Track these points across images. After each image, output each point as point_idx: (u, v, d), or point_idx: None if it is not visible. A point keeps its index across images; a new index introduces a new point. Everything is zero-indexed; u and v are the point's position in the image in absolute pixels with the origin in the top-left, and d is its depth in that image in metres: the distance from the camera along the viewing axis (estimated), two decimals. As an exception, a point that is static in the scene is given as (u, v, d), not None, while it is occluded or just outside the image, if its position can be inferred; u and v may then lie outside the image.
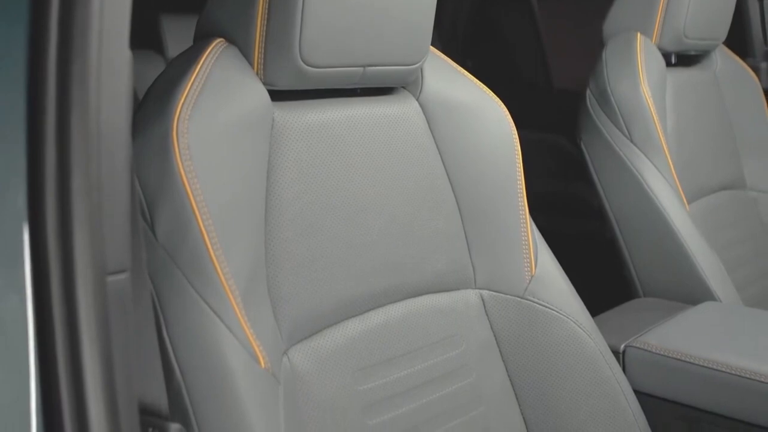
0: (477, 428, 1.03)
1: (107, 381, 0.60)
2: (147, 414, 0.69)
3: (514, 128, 1.15)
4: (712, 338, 1.24)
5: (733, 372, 1.12)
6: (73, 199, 0.57)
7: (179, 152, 0.80)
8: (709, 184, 1.77)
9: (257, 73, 0.92)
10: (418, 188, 1.04)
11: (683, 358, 1.17)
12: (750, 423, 1.11)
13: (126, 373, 0.62)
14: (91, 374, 0.59)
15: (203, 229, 0.80)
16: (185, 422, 0.76)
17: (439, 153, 1.08)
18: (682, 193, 1.63)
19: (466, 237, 1.09)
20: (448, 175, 1.08)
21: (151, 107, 0.85)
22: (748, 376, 1.11)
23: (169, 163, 0.80)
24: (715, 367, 1.14)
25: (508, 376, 1.09)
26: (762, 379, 1.10)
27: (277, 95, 0.93)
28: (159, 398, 0.72)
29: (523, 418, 1.09)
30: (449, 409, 1.01)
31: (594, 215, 1.71)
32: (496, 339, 1.09)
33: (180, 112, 0.82)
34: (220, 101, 0.85)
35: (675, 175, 1.62)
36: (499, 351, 1.09)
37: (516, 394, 1.09)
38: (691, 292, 1.50)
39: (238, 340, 0.79)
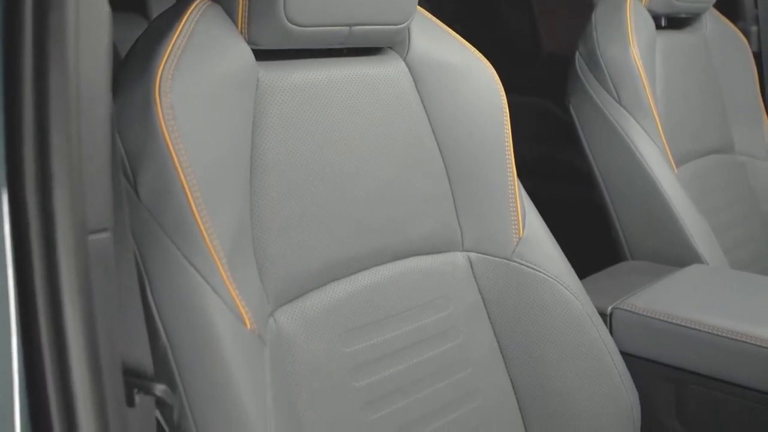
0: (464, 389, 1.03)
1: (89, 341, 0.59)
2: (132, 375, 0.69)
3: (503, 90, 1.14)
4: (698, 300, 1.24)
5: (720, 333, 1.13)
6: (53, 157, 0.56)
7: (162, 111, 0.79)
8: (697, 148, 1.76)
9: (241, 32, 0.90)
10: (405, 149, 1.03)
11: (670, 320, 1.18)
12: (736, 384, 1.11)
13: (109, 333, 0.62)
14: (73, 334, 0.58)
15: (187, 189, 0.79)
16: (171, 383, 0.76)
17: (426, 114, 1.07)
18: (670, 156, 1.62)
19: (453, 198, 1.08)
20: (435, 136, 1.07)
21: (133, 66, 0.83)
22: (734, 337, 1.12)
23: (151, 123, 0.79)
24: (701, 328, 1.15)
25: (496, 337, 1.09)
26: (748, 340, 1.10)
27: (261, 55, 0.92)
28: (144, 359, 0.71)
29: (510, 379, 1.09)
30: (436, 371, 1.01)
31: (582, 179, 1.71)
32: (483, 301, 1.09)
33: (162, 71, 0.80)
34: (203, 60, 0.84)
35: (664, 139, 1.62)
36: (487, 313, 1.09)
37: (503, 356, 1.09)
38: (678, 255, 1.50)
39: (223, 302, 0.78)
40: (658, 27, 1.70)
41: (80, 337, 0.58)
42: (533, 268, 1.10)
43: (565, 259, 1.16)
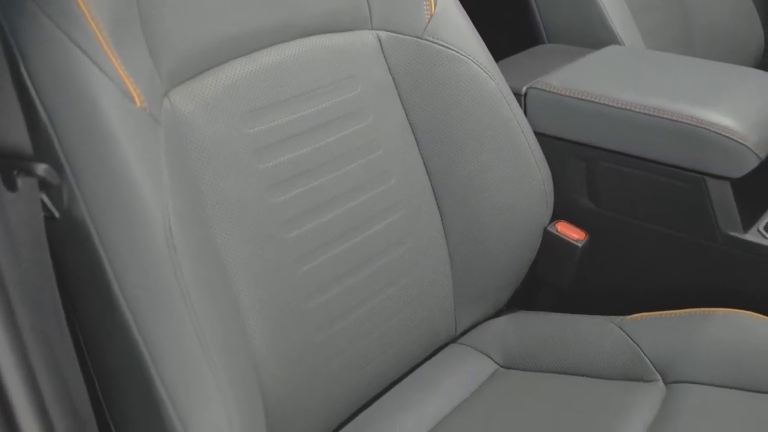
0: (375, 171, 1.01)
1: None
2: (9, 157, 0.64)
3: None
4: (613, 79, 1.22)
5: (633, 109, 1.11)
6: None
7: None
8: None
9: None
10: None
11: (584, 98, 1.16)
12: (645, 158, 1.11)
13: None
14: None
15: None
16: (54, 163, 0.70)
17: None
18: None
19: (358, -31, 1.01)
20: None
21: None
22: (646, 112, 1.10)
23: None
24: (615, 105, 1.13)
25: (407, 118, 1.06)
26: (660, 114, 1.09)
27: None
28: (21, 140, 0.65)
29: (423, 159, 1.07)
30: (346, 152, 0.98)
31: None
32: (394, 81, 1.05)
33: None
34: None
35: None
36: (398, 93, 1.05)
37: (415, 137, 1.06)
38: (596, 37, 1.47)
39: (108, 77, 0.72)
40: None
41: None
42: (446, 46, 1.06)
43: (480, 38, 1.12)
